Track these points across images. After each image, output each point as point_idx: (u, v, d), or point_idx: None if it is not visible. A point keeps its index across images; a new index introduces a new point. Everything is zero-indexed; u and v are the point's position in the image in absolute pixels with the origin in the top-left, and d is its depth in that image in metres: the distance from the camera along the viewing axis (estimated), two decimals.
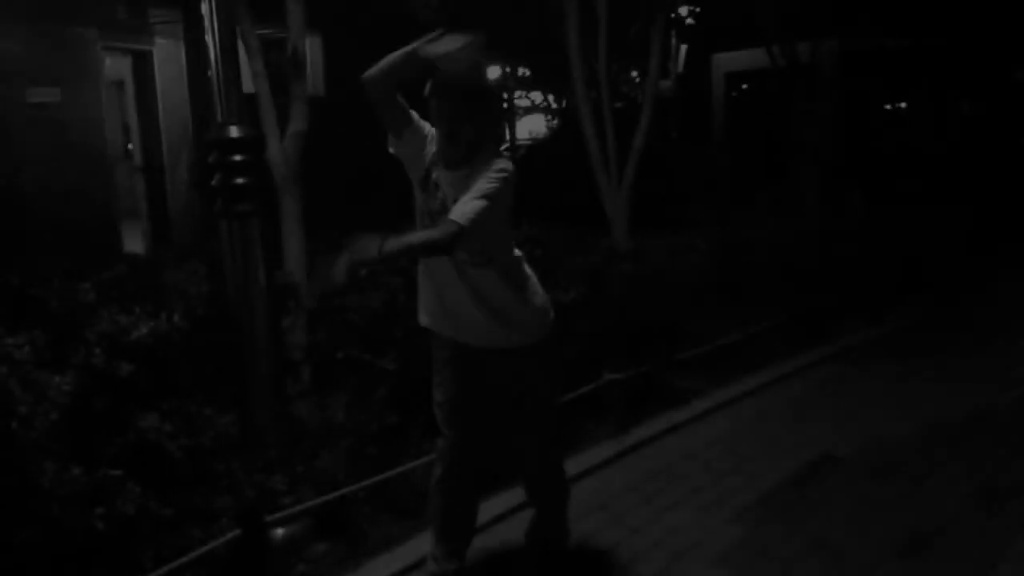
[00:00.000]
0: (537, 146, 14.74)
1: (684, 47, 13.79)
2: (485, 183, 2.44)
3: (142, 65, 8.79)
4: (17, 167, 7.51)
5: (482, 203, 2.40)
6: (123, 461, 2.77)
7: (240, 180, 2.99)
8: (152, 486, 2.77)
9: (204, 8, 3.01)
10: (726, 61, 12.87)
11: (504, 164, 2.52)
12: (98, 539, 2.58)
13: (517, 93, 17.58)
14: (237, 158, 2.99)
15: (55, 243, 7.04)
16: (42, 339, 2.81)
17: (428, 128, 2.64)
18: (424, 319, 2.83)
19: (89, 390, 2.77)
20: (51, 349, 2.88)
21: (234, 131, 3.01)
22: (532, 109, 18.74)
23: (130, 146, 10.44)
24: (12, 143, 7.48)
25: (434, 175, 2.63)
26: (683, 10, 12.96)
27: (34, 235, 7.21)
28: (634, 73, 15.18)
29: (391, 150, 2.69)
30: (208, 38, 3.03)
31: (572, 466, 3.95)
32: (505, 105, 17.71)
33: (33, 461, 2.53)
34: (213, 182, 3.03)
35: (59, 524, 2.52)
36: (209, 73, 2.99)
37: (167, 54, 8.85)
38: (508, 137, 17.65)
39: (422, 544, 3.11)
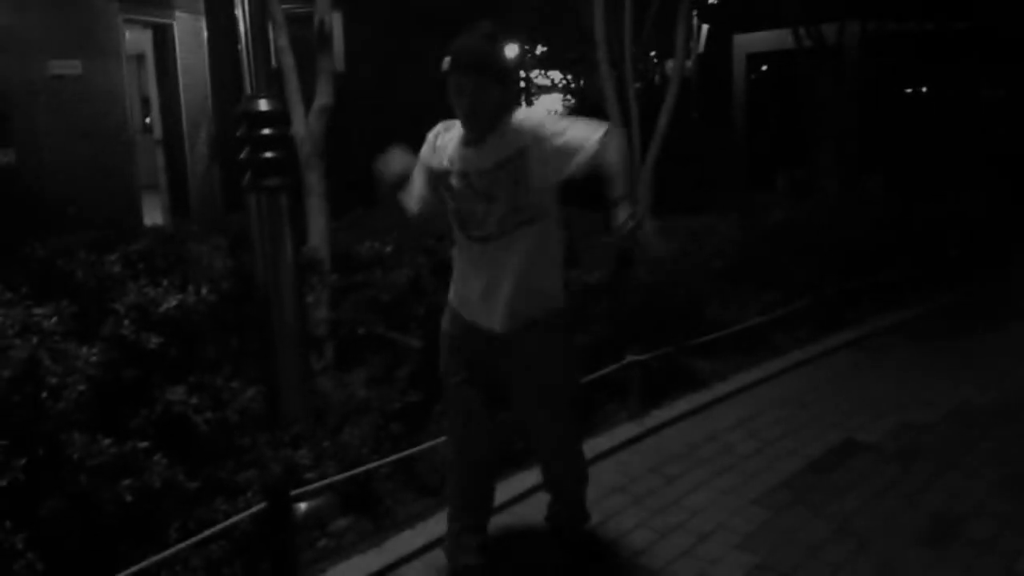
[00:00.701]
0: None
1: (705, 27, 13.65)
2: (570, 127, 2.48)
3: (162, 38, 8.77)
4: (38, 139, 7.53)
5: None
6: (150, 434, 2.77)
7: (269, 154, 2.97)
8: (178, 459, 2.78)
9: None
10: (748, 42, 12.75)
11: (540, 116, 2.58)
12: (125, 510, 2.59)
13: (534, 72, 17.46)
14: (266, 131, 2.97)
15: (75, 216, 7.05)
16: (69, 310, 2.81)
17: (427, 174, 2.66)
18: (456, 308, 2.77)
19: (117, 362, 2.78)
20: (78, 321, 2.89)
21: (263, 104, 2.98)
22: (549, 88, 18.61)
23: (148, 119, 10.46)
24: (33, 115, 7.49)
25: (452, 168, 2.59)
26: None
27: (54, 207, 7.22)
28: (652, 53, 15.04)
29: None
30: (238, 11, 2.99)
31: (592, 447, 3.95)
32: (523, 84, 17.59)
33: (62, 432, 2.53)
34: (242, 156, 3.01)
35: (87, 495, 2.53)
36: (239, 47, 2.95)
37: (188, 27, 8.83)
38: None
39: (444, 521, 3.09)
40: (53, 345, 2.63)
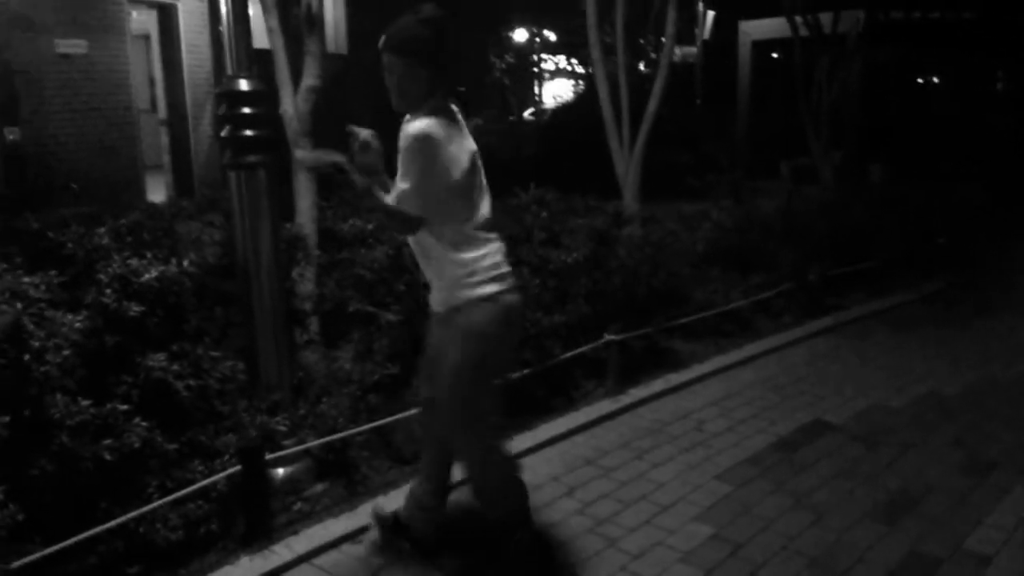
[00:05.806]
0: (560, 111, 14.73)
1: (712, 14, 13.67)
2: (402, 163, 2.49)
3: (167, 19, 8.90)
4: (44, 118, 7.67)
5: (406, 186, 2.47)
6: (132, 399, 2.91)
7: (248, 132, 3.09)
8: (159, 423, 2.92)
9: None
10: (754, 29, 12.76)
11: (415, 132, 2.46)
12: (106, 469, 2.72)
13: (543, 57, 17.53)
14: (246, 111, 3.08)
15: (78, 193, 7.21)
16: (57, 279, 2.95)
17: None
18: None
19: (100, 329, 2.91)
20: (67, 290, 3.03)
21: (243, 84, 3.10)
22: (557, 73, 18.67)
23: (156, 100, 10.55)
24: (40, 94, 7.64)
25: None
26: None
27: (59, 184, 7.38)
28: (663, 37, 15.05)
29: None
30: None
31: (568, 422, 4.08)
32: (536, 69, 17.64)
33: (46, 394, 2.67)
34: (222, 134, 3.13)
35: (69, 453, 2.67)
36: (220, 27, 3.07)
37: (192, 8, 8.95)
38: (536, 101, 17.64)
39: None
40: (39, 312, 2.77)
